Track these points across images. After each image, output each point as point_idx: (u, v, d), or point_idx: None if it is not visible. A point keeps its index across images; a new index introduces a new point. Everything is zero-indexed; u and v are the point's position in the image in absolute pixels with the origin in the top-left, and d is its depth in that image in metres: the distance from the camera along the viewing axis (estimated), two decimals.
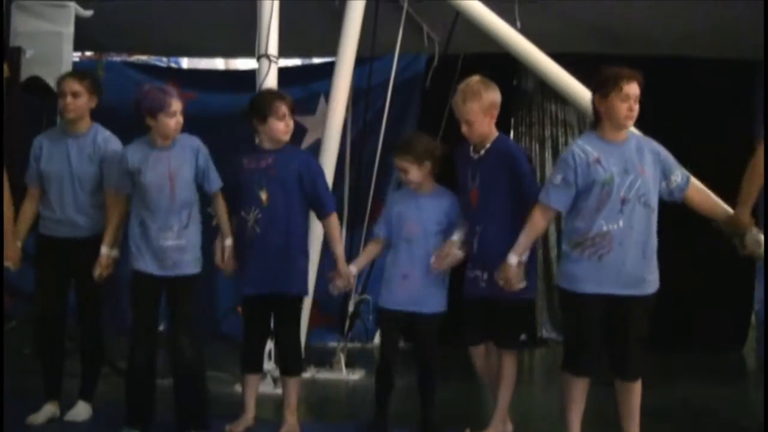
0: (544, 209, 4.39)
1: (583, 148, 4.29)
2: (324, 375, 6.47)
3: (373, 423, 4.89)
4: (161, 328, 4.92)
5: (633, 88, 4.21)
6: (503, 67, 7.01)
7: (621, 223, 4.18)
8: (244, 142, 5.61)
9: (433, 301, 4.83)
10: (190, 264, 4.72)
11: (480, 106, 4.56)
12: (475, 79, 4.67)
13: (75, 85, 4.93)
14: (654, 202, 4.27)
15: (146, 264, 4.68)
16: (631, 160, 4.24)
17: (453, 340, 4.80)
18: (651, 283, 4.30)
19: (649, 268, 4.28)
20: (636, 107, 4.23)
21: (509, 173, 4.56)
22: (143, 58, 9.62)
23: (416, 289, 4.79)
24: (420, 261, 4.78)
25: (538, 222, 4.41)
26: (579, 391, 4.39)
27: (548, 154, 8.61)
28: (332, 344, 6.86)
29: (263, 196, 4.76)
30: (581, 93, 5.84)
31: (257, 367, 5.04)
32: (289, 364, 4.96)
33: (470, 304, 4.72)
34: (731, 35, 6.62)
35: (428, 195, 4.87)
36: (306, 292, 5.02)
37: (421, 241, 4.79)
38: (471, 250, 4.69)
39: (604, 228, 4.20)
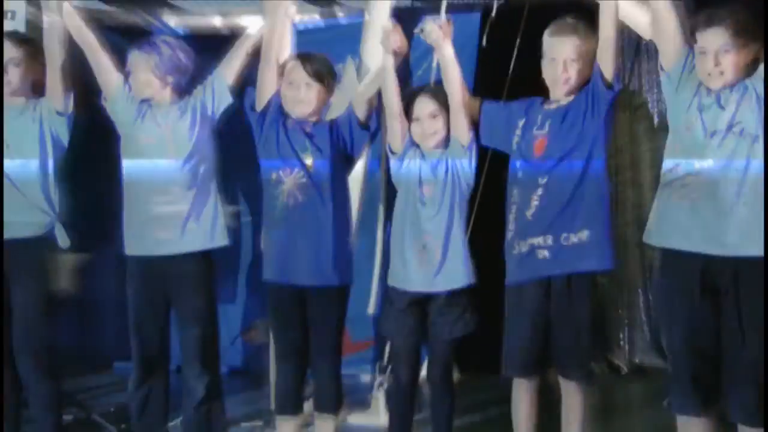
0: None
1: None
2: (357, 419, 5.47)
3: None
4: None
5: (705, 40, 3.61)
6: (581, 16, 6.13)
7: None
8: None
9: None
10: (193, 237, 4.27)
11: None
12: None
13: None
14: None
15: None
16: None
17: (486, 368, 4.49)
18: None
19: None
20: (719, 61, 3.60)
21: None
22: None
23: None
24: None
25: None
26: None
27: None
28: (366, 378, 6.03)
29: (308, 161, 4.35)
30: None
31: (294, 408, 4.30)
32: (325, 395, 4.26)
33: (521, 312, 3.97)
34: None
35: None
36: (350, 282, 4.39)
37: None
38: (521, 214, 4.01)
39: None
